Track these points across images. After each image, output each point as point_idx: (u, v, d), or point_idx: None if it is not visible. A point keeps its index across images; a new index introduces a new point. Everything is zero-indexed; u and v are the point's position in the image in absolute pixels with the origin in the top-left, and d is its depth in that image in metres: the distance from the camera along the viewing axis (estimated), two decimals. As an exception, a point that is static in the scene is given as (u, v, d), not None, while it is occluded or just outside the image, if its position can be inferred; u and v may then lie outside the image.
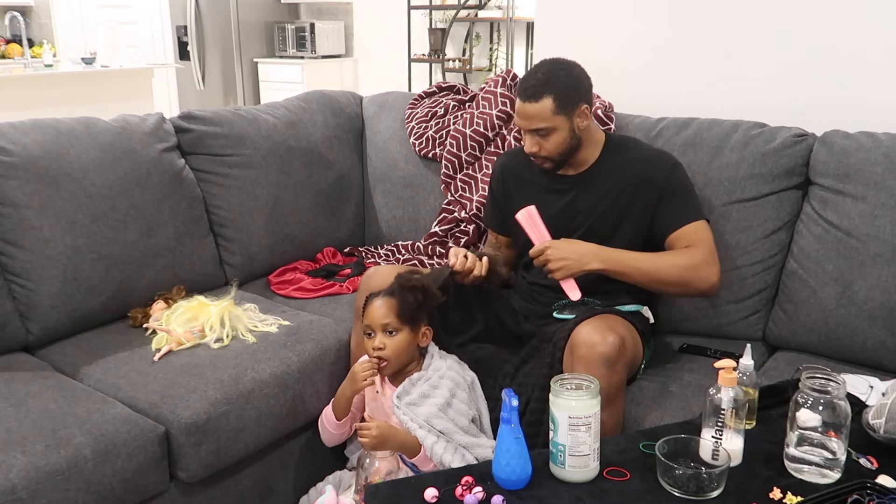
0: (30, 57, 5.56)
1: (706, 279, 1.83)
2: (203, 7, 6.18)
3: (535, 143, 1.88)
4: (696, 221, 1.87)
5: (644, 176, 1.89)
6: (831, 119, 2.04)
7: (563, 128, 1.85)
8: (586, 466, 1.31)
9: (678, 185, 1.89)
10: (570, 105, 1.84)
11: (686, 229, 1.86)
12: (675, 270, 1.83)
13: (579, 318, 1.72)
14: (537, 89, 1.83)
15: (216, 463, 1.72)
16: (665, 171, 1.88)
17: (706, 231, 1.88)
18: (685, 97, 2.40)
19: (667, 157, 1.93)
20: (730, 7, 2.29)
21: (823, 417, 1.29)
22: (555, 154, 1.89)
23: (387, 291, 1.80)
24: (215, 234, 2.31)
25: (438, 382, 1.76)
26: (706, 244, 1.86)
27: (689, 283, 1.83)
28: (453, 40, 5.97)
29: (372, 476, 1.64)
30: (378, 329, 1.76)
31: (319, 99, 2.69)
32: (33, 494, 1.42)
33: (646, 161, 1.91)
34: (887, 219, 1.81)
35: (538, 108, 1.83)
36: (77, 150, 2.00)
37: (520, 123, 1.89)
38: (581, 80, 1.87)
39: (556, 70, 1.85)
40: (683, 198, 1.89)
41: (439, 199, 2.53)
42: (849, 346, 1.86)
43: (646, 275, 1.83)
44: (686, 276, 1.82)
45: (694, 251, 1.84)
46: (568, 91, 1.83)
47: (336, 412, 1.85)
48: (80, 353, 1.90)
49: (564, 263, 1.80)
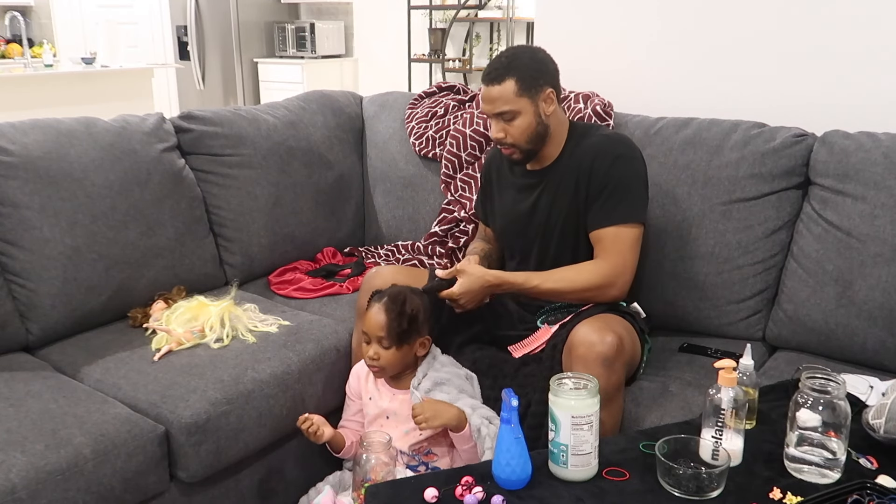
0: (30, 57, 5.56)
1: (609, 295, 1.82)
2: (203, 7, 6.18)
3: (500, 128, 1.84)
4: (619, 225, 1.81)
5: (589, 167, 1.84)
6: (831, 119, 2.04)
7: (528, 111, 1.81)
8: (588, 465, 1.32)
9: (617, 181, 1.81)
10: (534, 87, 1.80)
11: (606, 232, 1.82)
12: (578, 293, 1.82)
13: (578, 318, 1.72)
14: (500, 72, 1.80)
15: (216, 463, 1.72)
16: (606, 164, 1.82)
17: (627, 236, 1.81)
18: (685, 96, 2.40)
19: (615, 146, 1.85)
20: (730, 7, 2.29)
21: (823, 417, 1.29)
22: (521, 140, 1.84)
23: (384, 301, 1.77)
24: (215, 234, 2.31)
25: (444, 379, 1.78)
26: (619, 255, 1.81)
27: (592, 299, 1.83)
28: (453, 40, 5.97)
29: (369, 473, 1.64)
30: (373, 339, 1.77)
31: (319, 99, 2.69)
32: (33, 494, 1.42)
33: (595, 151, 1.84)
34: (887, 219, 1.81)
35: (501, 90, 1.79)
36: (77, 150, 2.00)
37: (484, 108, 1.85)
38: (545, 62, 1.84)
39: (518, 53, 1.83)
40: (616, 196, 1.81)
41: (439, 199, 2.53)
42: (849, 346, 1.86)
43: (553, 298, 1.85)
44: (589, 293, 1.82)
45: (599, 267, 1.81)
46: (531, 73, 1.80)
47: (334, 450, 1.86)
48: (80, 353, 1.90)
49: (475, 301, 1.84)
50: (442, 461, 1.79)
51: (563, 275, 1.83)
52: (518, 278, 1.85)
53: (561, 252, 1.91)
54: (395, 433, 1.77)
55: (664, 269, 2.07)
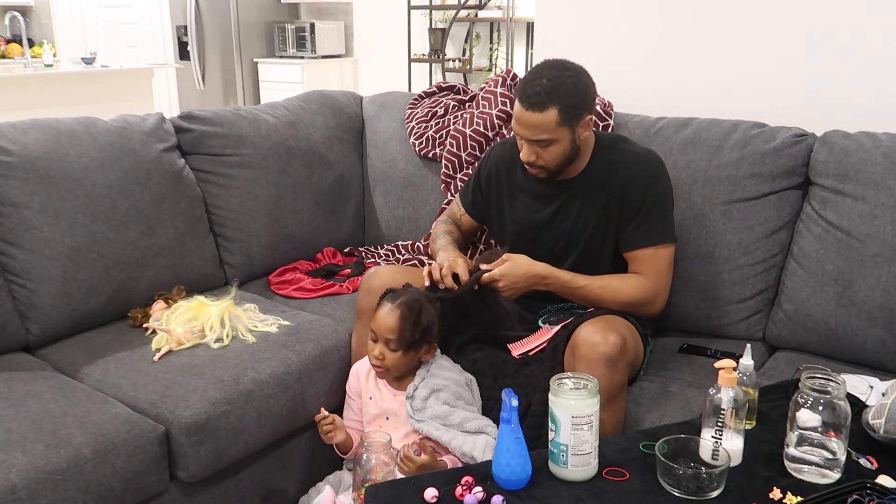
0: (30, 57, 5.56)
1: (647, 311, 1.86)
2: (203, 7, 6.18)
3: (532, 152, 1.80)
4: (656, 246, 1.83)
5: (624, 185, 1.83)
6: (831, 119, 2.04)
7: (565, 139, 1.77)
8: (588, 465, 1.32)
9: (652, 202, 1.82)
10: (576, 117, 1.74)
11: (644, 253, 1.84)
12: (618, 304, 1.83)
13: (580, 319, 1.72)
14: (542, 98, 1.71)
15: (216, 463, 1.72)
16: (643, 184, 1.82)
17: (664, 256, 1.84)
18: (684, 96, 2.40)
19: (650, 166, 1.85)
20: (730, 7, 2.29)
21: (823, 417, 1.29)
22: (552, 165, 1.82)
23: (399, 303, 1.75)
24: (215, 234, 2.31)
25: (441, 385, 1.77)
26: (658, 274, 1.84)
27: (630, 312, 1.84)
28: (453, 40, 5.97)
29: (369, 473, 1.64)
30: (381, 340, 1.76)
31: (319, 99, 2.69)
32: (33, 494, 1.42)
33: (629, 170, 1.83)
34: (887, 219, 1.81)
35: (541, 119, 1.72)
36: (77, 150, 2.00)
37: (519, 132, 1.78)
38: (588, 89, 1.78)
39: (563, 78, 1.73)
40: (653, 216, 1.83)
41: (439, 199, 2.53)
42: (849, 346, 1.86)
43: (591, 302, 1.85)
44: (629, 307, 1.83)
45: (642, 283, 1.83)
46: (575, 102, 1.73)
47: (342, 452, 1.85)
48: (80, 353, 1.89)
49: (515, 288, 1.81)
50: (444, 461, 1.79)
51: (608, 282, 1.84)
52: (564, 275, 1.84)
53: (580, 264, 1.89)
54: (395, 434, 1.77)
55: (664, 269, 2.07)
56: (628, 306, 1.83)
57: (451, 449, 1.70)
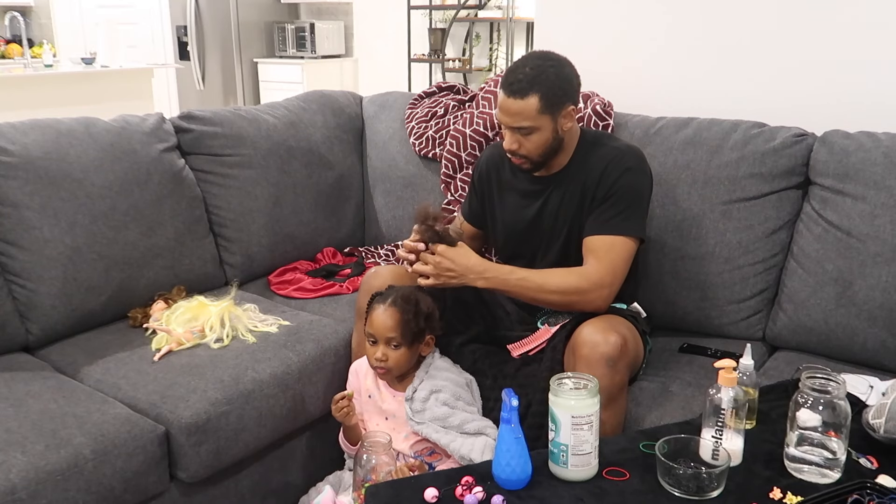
0: (30, 57, 5.55)
1: (591, 302, 1.76)
2: (203, 7, 6.17)
3: (514, 140, 1.80)
4: (616, 236, 1.77)
5: (599, 176, 1.81)
6: (831, 119, 2.04)
7: (547, 128, 1.76)
8: (588, 465, 1.32)
9: (620, 193, 1.78)
10: (557, 105, 1.75)
11: (600, 240, 1.78)
12: (559, 295, 1.76)
13: (579, 320, 1.72)
14: (523, 85, 1.73)
15: (216, 463, 1.72)
16: (615, 175, 1.79)
17: (621, 249, 1.77)
18: (684, 96, 2.40)
19: (626, 159, 1.81)
20: (730, 6, 2.29)
21: (823, 417, 1.29)
22: (534, 154, 1.81)
23: (393, 301, 1.76)
24: (215, 234, 2.31)
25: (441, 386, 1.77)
26: (609, 264, 1.76)
27: (573, 305, 1.78)
28: (453, 40, 5.97)
29: (369, 473, 1.64)
30: (381, 340, 1.76)
31: (319, 99, 2.70)
32: (33, 494, 1.42)
33: (606, 162, 1.81)
34: (887, 219, 1.81)
35: (522, 106, 1.73)
36: (77, 150, 2.00)
37: (501, 119, 1.79)
38: (570, 79, 1.78)
39: (545, 66, 1.75)
40: (617, 207, 1.78)
41: (439, 199, 2.53)
42: (849, 346, 1.86)
43: (531, 297, 1.80)
44: (570, 299, 1.77)
45: (588, 272, 1.76)
46: (556, 91, 1.74)
47: (350, 441, 1.86)
48: (80, 353, 1.90)
49: (446, 276, 1.76)
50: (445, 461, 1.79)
51: (551, 271, 1.81)
52: (504, 268, 1.81)
53: (565, 259, 1.88)
54: (395, 435, 1.77)
55: (664, 269, 2.07)
56: (570, 295, 1.76)
57: (449, 452, 1.70)
